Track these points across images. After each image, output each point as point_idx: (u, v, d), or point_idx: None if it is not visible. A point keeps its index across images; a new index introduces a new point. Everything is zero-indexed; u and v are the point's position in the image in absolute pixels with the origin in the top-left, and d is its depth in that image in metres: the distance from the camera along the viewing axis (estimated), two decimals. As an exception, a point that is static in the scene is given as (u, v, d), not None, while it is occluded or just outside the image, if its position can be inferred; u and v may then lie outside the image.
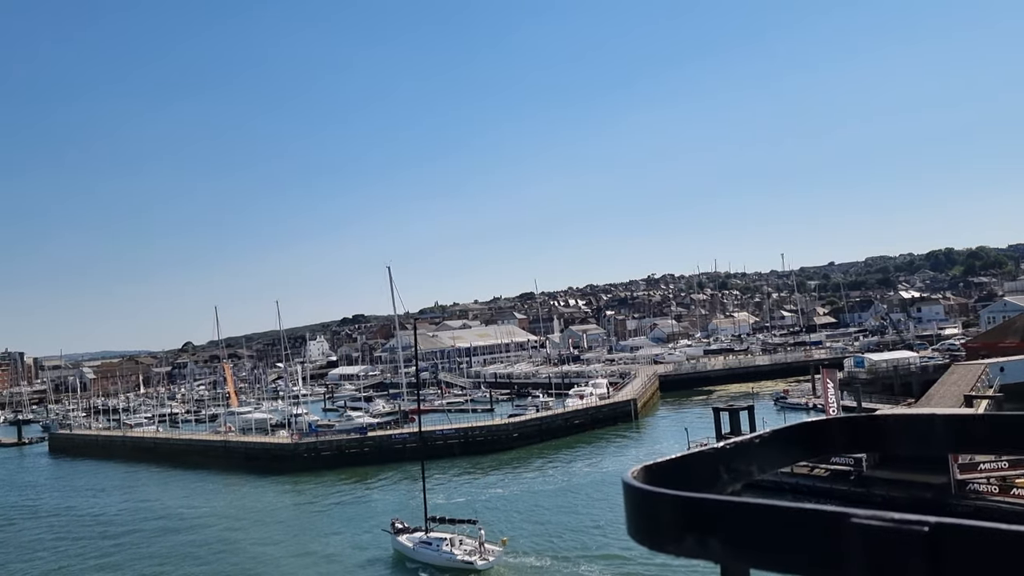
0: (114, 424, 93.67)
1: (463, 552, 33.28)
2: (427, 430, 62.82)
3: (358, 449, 61.08)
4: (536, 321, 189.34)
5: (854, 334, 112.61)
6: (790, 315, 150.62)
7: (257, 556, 38.73)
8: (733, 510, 0.88)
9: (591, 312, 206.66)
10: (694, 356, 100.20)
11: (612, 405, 68.23)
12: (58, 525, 48.34)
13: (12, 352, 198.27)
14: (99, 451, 78.90)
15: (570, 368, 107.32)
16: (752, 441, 1.30)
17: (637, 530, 0.97)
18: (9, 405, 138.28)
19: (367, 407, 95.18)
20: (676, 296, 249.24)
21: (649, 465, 1.13)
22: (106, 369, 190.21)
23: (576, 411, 66.01)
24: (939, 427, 1.37)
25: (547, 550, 34.84)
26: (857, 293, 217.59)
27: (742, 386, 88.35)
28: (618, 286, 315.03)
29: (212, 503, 52.15)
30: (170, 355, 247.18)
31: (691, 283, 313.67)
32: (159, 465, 68.37)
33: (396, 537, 36.15)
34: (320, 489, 54.16)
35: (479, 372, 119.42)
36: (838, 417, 1.43)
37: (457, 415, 73.68)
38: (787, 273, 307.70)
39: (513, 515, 42.17)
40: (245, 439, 67.24)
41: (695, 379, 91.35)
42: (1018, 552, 0.71)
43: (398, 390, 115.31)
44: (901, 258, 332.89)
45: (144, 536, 44.05)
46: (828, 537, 0.79)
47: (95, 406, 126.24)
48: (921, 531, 0.75)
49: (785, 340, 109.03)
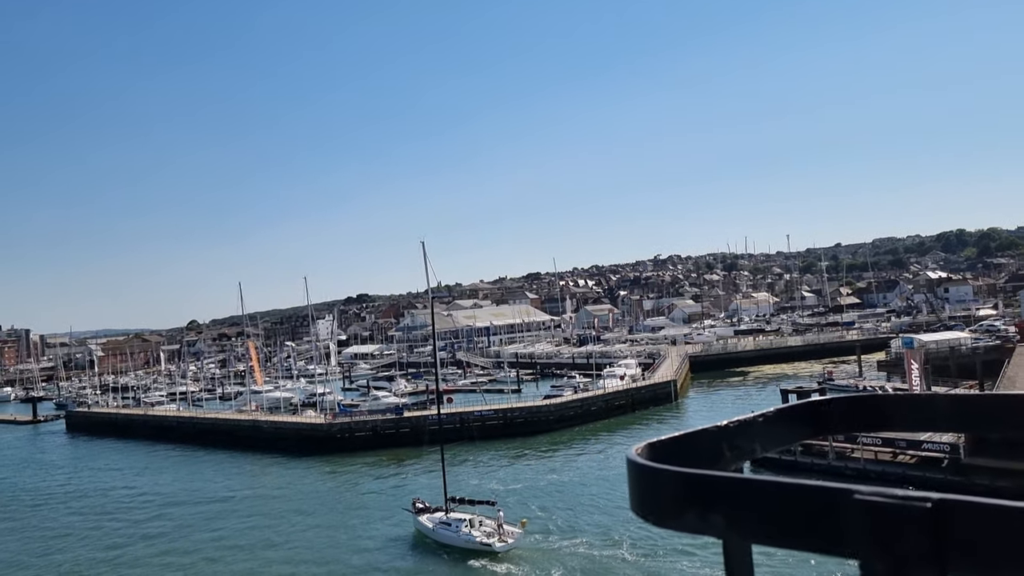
0: (130, 402, 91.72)
1: (482, 534, 33.29)
2: (465, 411, 61.11)
3: (394, 430, 59.05)
4: (548, 301, 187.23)
5: (885, 315, 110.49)
6: (811, 295, 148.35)
7: (303, 541, 36.98)
8: (735, 486, 0.88)
9: (603, 292, 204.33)
10: (723, 336, 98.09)
11: (652, 386, 66.17)
12: (89, 508, 46.26)
13: (18, 329, 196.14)
14: (118, 430, 76.89)
15: (594, 348, 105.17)
16: (756, 419, 1.30)
17: (640, 505, 0.98)
18: (20, 382, 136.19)
19: (389, 386, 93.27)
20: (687, 277, 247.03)
21: (653, 442, 1.14)
22: (113, 346, 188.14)
23: (617, 392, 63.91)
24: (944, 407, 1.37)
25: (569, 533, 34.08)
26: (871, 274, 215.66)
27: (776, 367, 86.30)
28: (625, 267, 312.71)
29: (246, 484, 50.14)
30: (176, 333, 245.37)
31: (699, 264, 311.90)
32: (182, 445, 66.37)
33: (417, 517, 36.22)
34: (357, 470, 52.31)
35: (499, 352, 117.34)
36: (842, 396, 1.42)
37: (485, 395, 71.89)
38: (795, 254, 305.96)
39: (544, 498, 40.71)
40: (274, 419, 65.13)
41: (726, 360, 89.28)
42: (1022, 527, 0.71)
43: (417, 370, 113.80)
44: (910, 239, 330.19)
45: (186, 518, 42.07)
46: (831, 513, 0.79)
47: (106, 383, 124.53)
48: (924, 507, 0.75)
49: (817, 321, 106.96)
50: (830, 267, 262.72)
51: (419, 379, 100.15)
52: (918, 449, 35.95)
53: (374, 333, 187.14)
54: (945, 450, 34.65)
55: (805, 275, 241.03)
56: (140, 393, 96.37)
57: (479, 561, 32.10)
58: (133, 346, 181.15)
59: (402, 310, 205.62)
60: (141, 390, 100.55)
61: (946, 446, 34.52)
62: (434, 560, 33.20)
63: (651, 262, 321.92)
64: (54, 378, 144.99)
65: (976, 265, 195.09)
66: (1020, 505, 0.70)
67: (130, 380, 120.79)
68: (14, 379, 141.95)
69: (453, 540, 33.63)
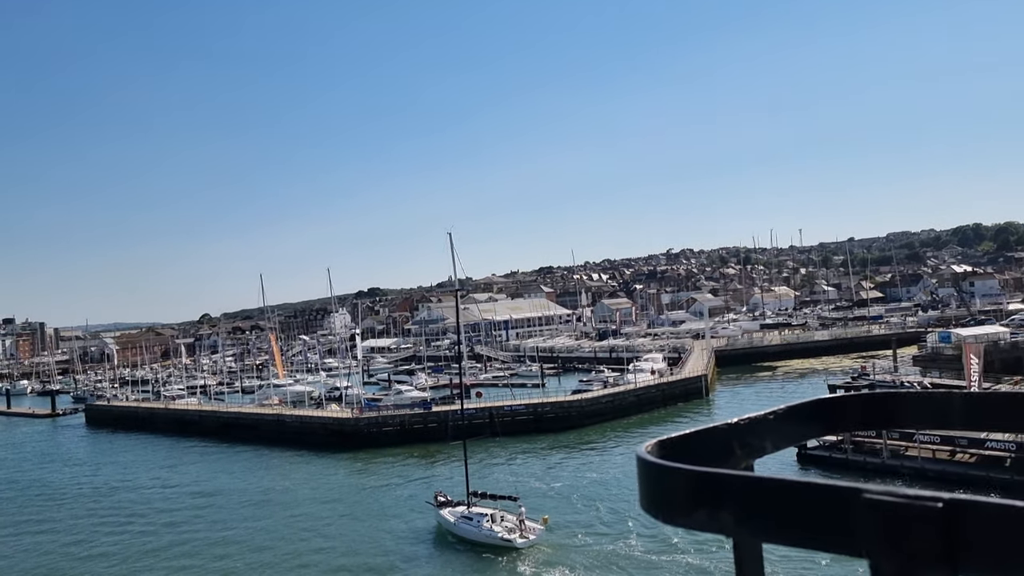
0: (149, 396, 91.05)
1: (503, 529, 32.82)
2: (493, 405, 59.97)
3: (421, 425, 58.02)
4: (563, 295, 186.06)
5: (912, 309, 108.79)
6: (831, 289, 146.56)
7: (333, 535, 36.36)
8: (745, 485, 0.88)
9: (618, 286, 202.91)
10: (749, 330, 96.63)
11: (684, 381, 64.88)
12: (118, 505, 45.27)
13: (33, 322, 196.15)
14: (138, 423, 76.16)
15: (616, 342, 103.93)
16: (767, 417, 1.29)
17: (650, 503, 0.97)
18: (36, 375, 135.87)
19: (410, 380, 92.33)
20: (701, 271, 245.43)
21: (663, 440, 1.14)
22: (128, 340, 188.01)
23: (648, 387, 62.64)
24: (958, 404, 1.35)
25: (593, 531, 33.50)
26: (888, 268, 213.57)
27: (803, 362, 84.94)
28: (638, 260, 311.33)
29: (275, 479, 49.19)
30: (188, 326, 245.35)
31: (712, 258, 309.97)
32: (204, 439, 65.50)
33: (439, 510, 35.98)
34: (386, 466, 51.33)
35: (518, 346, 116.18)
36: (855, 394, 1.41)
37: (513, 390, 70.87)
38: (808, 248, 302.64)
39: (571, 494, 39.79)
40: (299, 413, 64.18)
41: (752, 354, 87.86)
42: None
43: (437, 364, 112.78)
44: (924, 233, 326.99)
45: (218, 515, 41.14)
46: (841, 512, 0.79)
47: (122, 377, 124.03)
48: (935, 507, 0.74)
49: (844, 315, 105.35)
50: (846, 261, 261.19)
51: (440, 373, 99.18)
52: (980, 447, 34.61)
53: (388, 327, 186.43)
54: (1010, 448, 33.27)
55: (821, 269, 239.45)
56: (158, 386, 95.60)
57: (499, 556, 31.77)
58: (148, 340, 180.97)
59: (416, 303, 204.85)
60: (159, 384, 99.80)
61: (1011, 444, 33.14)
62: (454, 554, 32.92)
63: (664, 256, 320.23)
64: (69, 371, 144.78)
65: (997, 259, 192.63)
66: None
67: (146, 374, 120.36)
68: (30, 372, 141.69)
69: (474, 535, 33.34)
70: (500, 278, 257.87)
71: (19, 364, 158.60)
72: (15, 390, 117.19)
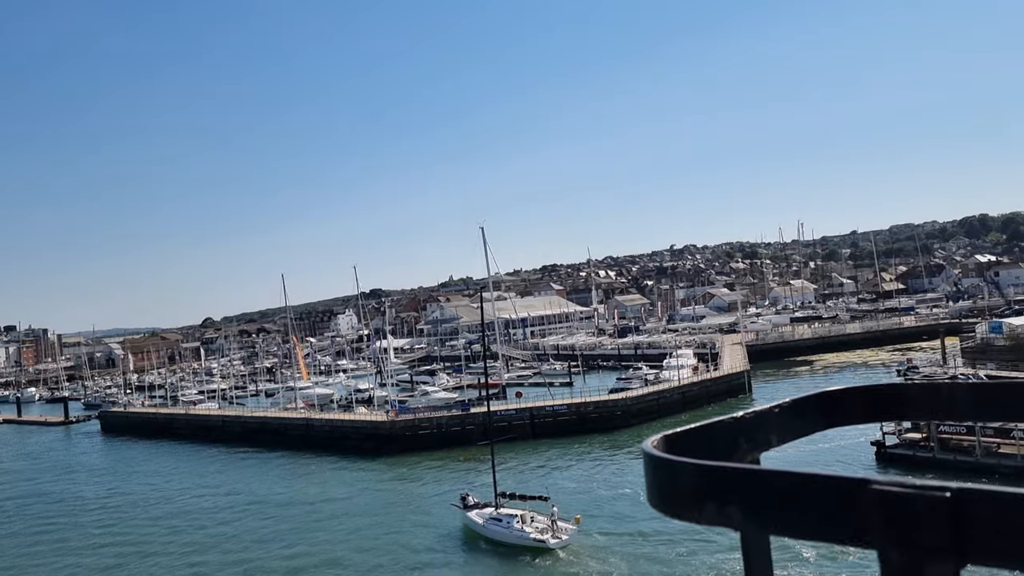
0: (164, 402, 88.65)
1: (535, 530, 31.96)
2: (536, 406, 57.72)
3: (459, 427, 55.72)
4: (573, 292, 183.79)
5: (941, 299, 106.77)
6: (849, 282, 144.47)
7: (378, 543, 34.56)
8: (752, 478, 0.88)
9: (628, 282, 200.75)
10: (779, 324, 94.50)
11: (727, 377, 62.73)
12: (152, 517, 42.94)
13: (36, 328, 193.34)
14: (157, 430, 73.76)
15: (639, 339, 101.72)
16: (771, 410, 1.29)
17: (657, 498, 0.98)
18: (43, 382, 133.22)
19: (432, 380, 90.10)
20: (709, 265, 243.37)
21: (669, 434, 1.15)
22: (133, 345, 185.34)
23: (691, 384, 60.44)
24: (962, 396, 1.35)
25: (628, 532, 32.27)
26: (898, 260, 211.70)
27: (838, 356, 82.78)
28: (642, 257, 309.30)
29: (316, 487, 46.87)
30: (193, 330, 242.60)
31: (717, 253, 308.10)
32: (228, 445, 63.19)
33: (466, 512, 35.26)
34: (425, 469, 49.43)
35: (537, 344, 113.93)
36: (859, 386, 1.41)
37: (546, 389, 68.72)
38: (812, 242, 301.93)
39: (610, 495, 38.20)
40: (330, 416, 61.87)
41: (783, 349, 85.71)
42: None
43: (457, 363, 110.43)
44: (928, 225, 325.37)
45: (263, 526, 38.87)
46: (849, 504, 0.79)
47: (131, 382, 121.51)
48: (943, 497, 0.74)
49: (875, 307, 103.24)
50: (853, 254, 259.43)
51: (461, 373, 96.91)
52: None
53: (397, 327, 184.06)
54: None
55: (830, 263, 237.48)
56: (173, 392, 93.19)
57: (533, 558, 30.83)
58: (151, 344, 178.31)
59: (422, 303, 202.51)
60: (170, 388, 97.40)
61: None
62: (485, 557, 32.00)
63: (668, 252, 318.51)
64: (75, 377, 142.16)
65: (1013, 249, 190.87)
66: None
67: (155, 379, 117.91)
68: (37, 379, 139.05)
69: (505, 536, 32.49)
70: (506, 276, 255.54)
71: (24, 371, 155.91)
72: (23, 397, 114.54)
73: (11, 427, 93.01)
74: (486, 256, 61.28)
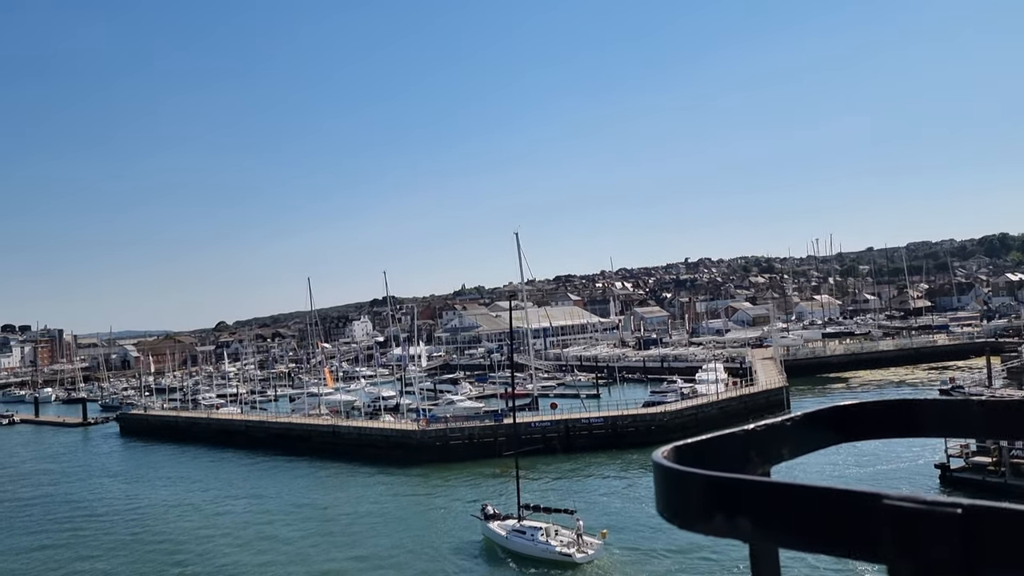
0: (180, 404, 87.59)
1: (560, 543, 31.14)
2: (570, 418, 56.26)
3: (492, 438, 54.24)
4: (591, 303, 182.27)
5: (976, 318, 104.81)
6: (873, 298, 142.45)
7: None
8: (763, 490, 0.88)
9: (646, 294, 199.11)
10: (810, 339, 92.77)
11: (766, 393, 61.10)
12: (184, 528, 41.60)
13: (52, 329, 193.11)
14: (178, 434, 72.65)
15: (664, 352, 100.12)
16: (784, 423, 1.28)
17: (667, 508, 0.97)
18: (60, 383, 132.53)
19: (455, 389, 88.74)
20: (726, 279, 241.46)
21: (679, 445, 1.15)
22: (148, 347, 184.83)
23: (731, 399, 58.86)
24: (976, 412, 1.34)
25: (656, 547, 31.09)
26: (917, 277, 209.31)
27: (872, 373, 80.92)
28: (658, 269, 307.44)
29: (355, 497, 45.47)
30: (206, 334, 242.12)
31: (733, 267, 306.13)
32: (251, 451, 61.92)
33: (487, 523, 34.38)
34: (459, 480, 48.05)
35: (558, 354, 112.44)
36: (873, 401, 1.40)
37: (562, 400, 67.71)
38: (828, 258, 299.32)
39: (641, 510, 36.59)
40: (358, 424, 60.52)
41: (815, 365, 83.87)
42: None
43: (474, 371, 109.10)
44: (947, 243, 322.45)
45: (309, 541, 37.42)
46: (860, 519, 0.78)
47: (147, 384, 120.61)
48: (954, 513, 0.73)
49: (907, 323, 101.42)
50: (873, 271, 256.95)
51: (484, 382, 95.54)
52: None
53: (412, 335, 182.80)
54: None
55: (849, 278, 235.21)
56: (191, 395, 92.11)
57: (557, 572, 30.09)
58: (166, 346, 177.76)
59: (437, 311, 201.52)
60: (187, 392, 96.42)
61: None
62: (507, 571, 31.15)
63: (684, 265, 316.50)
64: (92, 378, 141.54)
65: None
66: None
67: (172, 381, 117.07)
68: (52, 379, 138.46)
69: (529, 549, 31.67)
70: (530, 286, 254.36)
71: (39, 371, 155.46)
72: (40, 397, 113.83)
73: (29, 427, 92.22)
74: (520, 262, 60.26)
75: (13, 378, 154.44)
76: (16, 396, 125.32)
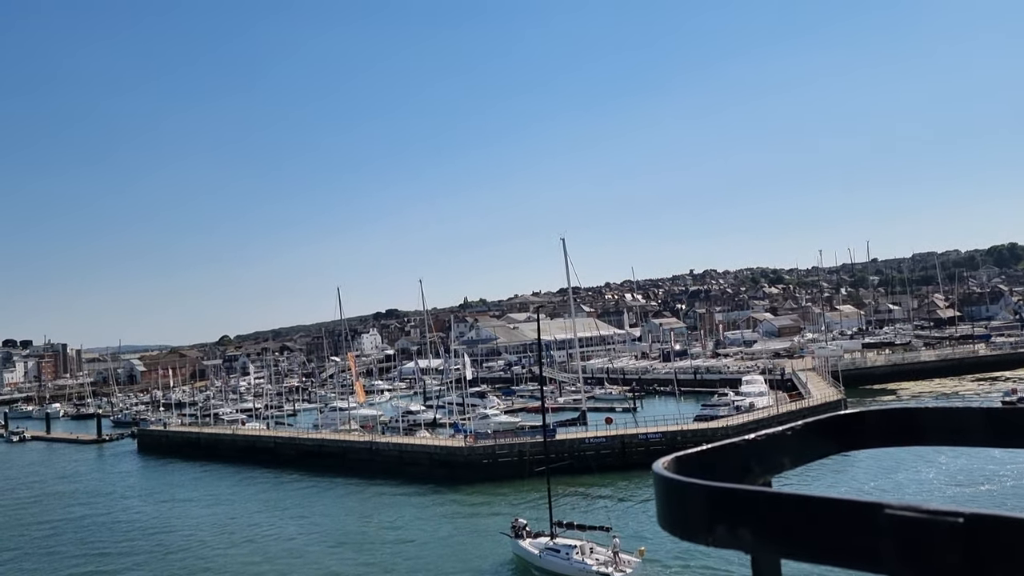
0: (197, 420, 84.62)
1: (596, 562, 30.05)
2: (626, 433, 53.58)
3: (543, 455, 51.38)
4: (604, 314, 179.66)
5: (1020, 328, 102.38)
6: (896, 308, 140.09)
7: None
8: (764, 501, 0.87)
9: (659, 306, 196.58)
10: (849, 350, 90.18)
11: (824, 406, 58.21)
12: (230, 548, 38.80)
13: (55, 343, 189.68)
14: (199, 451, 69.64)
15: (696, 363, 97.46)
16: (784, 433, 1.28)
17: (668, 520, 0.96)
18: (67, 398, 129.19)
19: (483, 403, 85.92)
20: (736, 290, 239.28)
21: (680, 455, 1.14)
22: (153, 361, 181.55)
23: (791, 412, 56.03)
24: (978, 421, 1.34)
25: (696, 566, 30.11)
26: (929, 287, 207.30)
27: (919, 384, 78.25)
28: (665, 281, 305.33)
29: (404, 521, 42.60)
30: (210, 348, 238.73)
31: (740, 278, 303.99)
32: (280, 469, 58.99)
33: (517, 541, 33.09)
34: (508, 501, 45.08)
35: (583, 367, 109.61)
36: (876, 409, 1.40)
37: (593, 414, 65.12)
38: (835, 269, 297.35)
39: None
40: (398, 440, 57.63)
41: (857, 376, 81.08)
42: None
43: (494, 384, 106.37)
44: (954, 253, 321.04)
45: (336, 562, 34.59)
46: (861, 528, 0.78)
47: (156, 399, 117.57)
48: (956, 523, 0.73)
49: (950, 333, 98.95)
50: (882, 281, 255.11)
51: (512, 396, 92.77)
52: None
53: (422, 347, 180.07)
54: None
55: (859, 289, 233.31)
56: (206, 410, 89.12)
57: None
58: (171, 361, 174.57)
59: (447, 323, 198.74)
60: (199, 406, 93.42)
61: None
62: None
63: (690, 276, 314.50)
64: (99, 393, 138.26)
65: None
66: None
67: (182, 396, 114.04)
68: (59, 394, 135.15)
69: (563, 568, 30.54)
70: (532, 297, 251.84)
71: (43, 387, 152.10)
72: (50, 413, 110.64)
73: (41, 444, 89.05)
74: (567, 267, 58.23)
75: (18, 393, 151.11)
76: (23, 412, 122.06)
